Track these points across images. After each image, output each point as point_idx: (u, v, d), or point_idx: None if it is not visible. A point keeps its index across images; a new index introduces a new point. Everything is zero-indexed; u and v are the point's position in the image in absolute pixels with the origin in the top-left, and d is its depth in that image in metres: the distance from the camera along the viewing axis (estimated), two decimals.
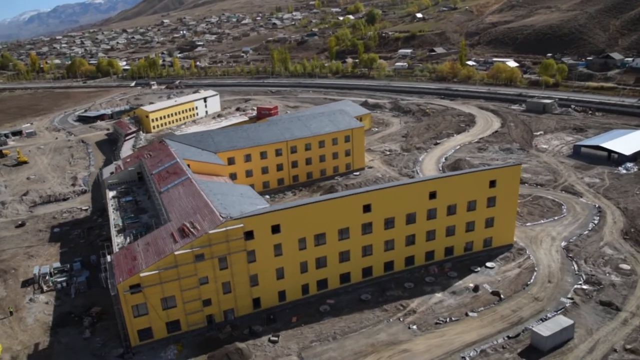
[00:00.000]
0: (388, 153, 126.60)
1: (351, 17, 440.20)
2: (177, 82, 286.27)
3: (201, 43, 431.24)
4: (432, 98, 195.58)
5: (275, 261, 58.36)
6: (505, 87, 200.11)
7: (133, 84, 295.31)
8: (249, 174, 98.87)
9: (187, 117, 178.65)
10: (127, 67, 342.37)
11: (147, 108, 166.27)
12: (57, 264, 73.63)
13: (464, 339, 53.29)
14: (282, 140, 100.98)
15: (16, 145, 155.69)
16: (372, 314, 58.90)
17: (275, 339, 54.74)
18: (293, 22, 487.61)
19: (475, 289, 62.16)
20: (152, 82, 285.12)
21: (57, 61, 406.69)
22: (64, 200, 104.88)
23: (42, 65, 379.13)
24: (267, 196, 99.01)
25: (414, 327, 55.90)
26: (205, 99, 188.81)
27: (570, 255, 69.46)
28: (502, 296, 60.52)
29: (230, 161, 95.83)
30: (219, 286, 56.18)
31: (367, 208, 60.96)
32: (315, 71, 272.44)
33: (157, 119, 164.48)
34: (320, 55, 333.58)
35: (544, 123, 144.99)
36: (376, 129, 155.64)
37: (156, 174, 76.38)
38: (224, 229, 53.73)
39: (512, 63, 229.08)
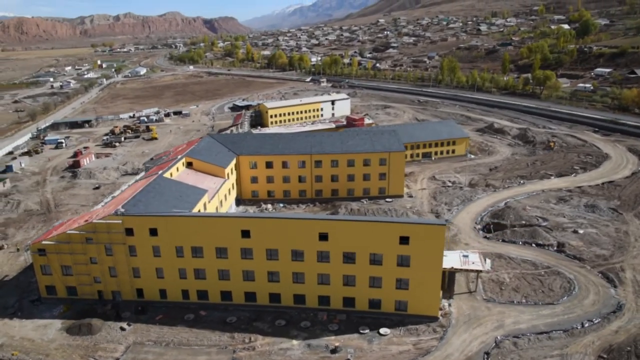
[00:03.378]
0: (449, 185, 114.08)
1: (566, 26, 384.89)
2: (346, 81, 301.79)
3: (395, 45, 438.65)
4: (584, 130, 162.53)
5: (155, 261, 63.60)
6: None
7: (309, 79, 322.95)
8: (269, 180, 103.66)
9: (310, 117, 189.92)
10: (314, 63, 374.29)
11: (268, 105, 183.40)
12: None
13: None
14: (307, 153, 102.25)
15: (171, 123, 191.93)
16: (219, 336, 59.15)
17: (125, 327, 60.62)
18: (501, 29, 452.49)
19: (334, 350, 55.86)
20: (322, 80, 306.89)
21: (266, 52, 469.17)
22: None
23: (253, 55, 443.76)
24: (282, 204, 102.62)
25: None
26: (333, 102, 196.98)
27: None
28: None
29: (252, 165, 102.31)
30: (105, 269, 64.65)
31: (246, 233, 60.59)
32: (480, 84, 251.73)
33: (275, 116, 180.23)
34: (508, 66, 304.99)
35: None
36: (472, 156, 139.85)
37: (151, 168, 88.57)
38: (105, 221, 61.71)
39: None
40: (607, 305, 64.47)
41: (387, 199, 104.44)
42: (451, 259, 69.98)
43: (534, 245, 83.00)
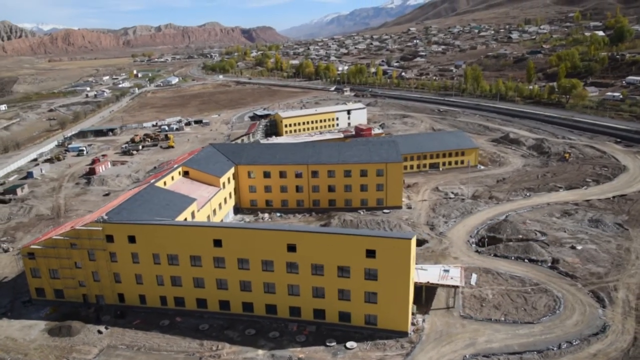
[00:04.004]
0: (451, 196, 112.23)
1: (600, 33, 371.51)
2: (369, 90, 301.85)
3: (424, 54, 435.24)
4: (605, 140, 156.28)
5: (134, 267, 65.73)
6: None
7: (333, 88, 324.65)
8: (267, 189, 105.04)
9: (325, 127, 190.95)
10: (340, 72, 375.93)
11: (283, 114, 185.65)
12: None
13: None
14: (304, 163, 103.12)
15: (190, 132, 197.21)
16: (189, 343, 60.41)
17: (102, 330, 62.86)
18: (533, 37, 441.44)
19: None
20: (346, 89, 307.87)
21: (295, 61, 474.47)
22: None
23: (281, 65, 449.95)
24: (278, 214, 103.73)
25: None
26: (349, 111, 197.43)
27: None
28: None
29: (250, 175, 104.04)
30: (89, 273, 67.31)
31: (218, 243, 61.89)
32: (503, 93, 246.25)
33: (289, 125, 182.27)
34: (535, 75, 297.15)
35: None
36: (482, 167, 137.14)
37: (150, 176, 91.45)
38: (86, 228, 64.43)
39: None
40: (591, 327, 61.95)
41: (385, 210, 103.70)
42: (431, 274, 69.13)
43: (526, 260, 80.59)
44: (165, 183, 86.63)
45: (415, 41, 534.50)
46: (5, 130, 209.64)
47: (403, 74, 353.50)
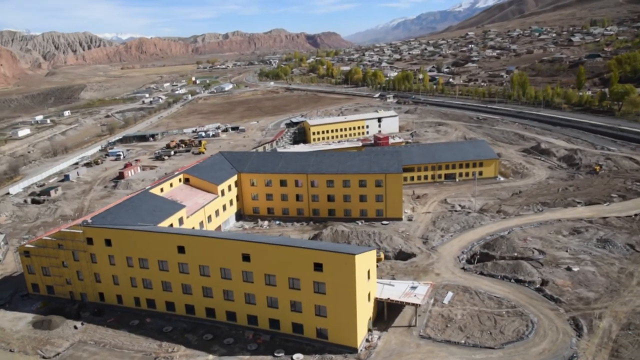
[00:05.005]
0: (458, 209, 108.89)
1: None
2: (412, 97, 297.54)
3: (476, 59, 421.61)
4: None
5: (111, 269, 70.25)
6: None
7: (377, 95, 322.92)
8: (269, 197, 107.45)
9: (354, 135, 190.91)
10: (388, 79, 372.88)
11: (311, 122, 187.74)
12: None
13: None
14: (303, 172, 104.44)
15: (225, 138, 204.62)
16: (150, 343, 63.63)
17: (78, 326, 67.71)
18: (597, 39, 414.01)
19: None
20: (389, 96, 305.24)
21: (346, 68, 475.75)
22: None
23: (332, 71, 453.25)
24: (278, 221, 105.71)
25: None
26: (379, 119, 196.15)
27: None
28: None
29: (252, 183, 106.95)
30: (74, 272, 72.74)
31: (181, 249, 64.82)
32: (550, 100, 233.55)
33: (317, 133, 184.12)
34: (592, 79, 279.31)
35: None
36: (501, 179, 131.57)
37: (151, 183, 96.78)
38: (70, 230, 69.80)
39: None
40: (557, 357, 58.26)
41: (384, 222, 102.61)
42: (396, 290, 68.05)
43: (513, 281, 76.79)
44: (162, 189, 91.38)
45: (470, 46, 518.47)
46: (62, 135, 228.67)
47: (450, 80, 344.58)
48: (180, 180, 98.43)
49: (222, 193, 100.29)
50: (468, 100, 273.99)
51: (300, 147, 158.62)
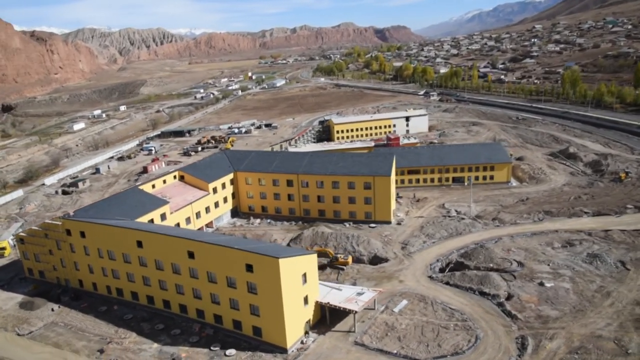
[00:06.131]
0: (453, 214, 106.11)
1: None
2: (456, 95, 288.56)
3: (535, 54, 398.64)
4: None
5: (86, 258, 76.81)
6: None
7: (422, 92, 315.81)
8: (262, 196, 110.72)
9: (380, 134, 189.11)
10: (438, 75, 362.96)
11: (336, 120, 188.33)
12: None
13: None
14: (294, 172, 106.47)
15: (256, 135, 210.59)
16: (108, 328, 69.27)
17: (54, 309, 74.84)
18: None
19: None
20: (433, 93, 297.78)
21: (398, 64, 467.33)
22: None
23: (384, 67, 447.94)
24: (269, 220, 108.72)
25: (98, 352, 63.88)
26: (407, 118, 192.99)
27: None
28: None
29: (247, 181, 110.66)
30: (58, 260, 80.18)
31: (139, 244, 69.65)
32: (601, 99, 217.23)
33: (341, 131, 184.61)
34: None
35: None
36: (514, 184, 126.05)
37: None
38: (52, 222, 77.07)
39: None
40: None
41: (372, 225, 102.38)
42: (342, 294, 68.77)
43: (477, 292, 74.65)
44: (153, 186, 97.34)
45: (533, 40, 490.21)
46: (111, 129, 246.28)
47: (502, 77, 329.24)
48: (175, 177, 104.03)
49: (215, 190, 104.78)
50: (514, 99, 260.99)
51: (310, 147, 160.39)
